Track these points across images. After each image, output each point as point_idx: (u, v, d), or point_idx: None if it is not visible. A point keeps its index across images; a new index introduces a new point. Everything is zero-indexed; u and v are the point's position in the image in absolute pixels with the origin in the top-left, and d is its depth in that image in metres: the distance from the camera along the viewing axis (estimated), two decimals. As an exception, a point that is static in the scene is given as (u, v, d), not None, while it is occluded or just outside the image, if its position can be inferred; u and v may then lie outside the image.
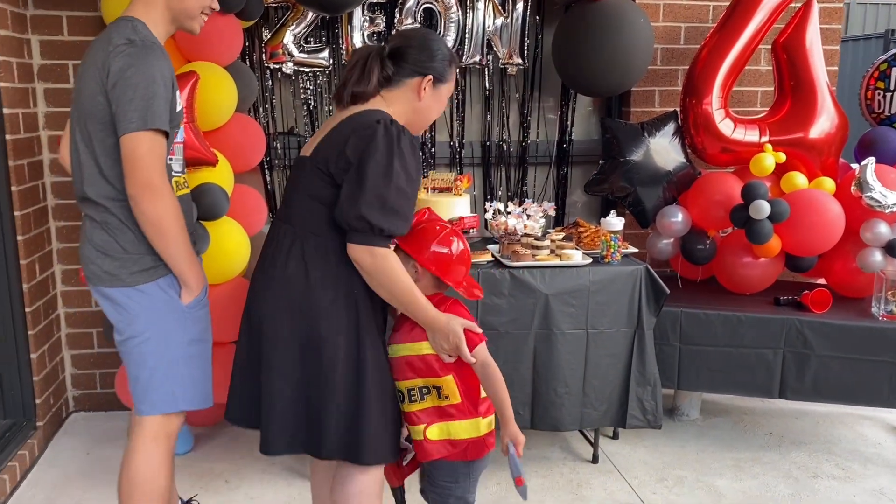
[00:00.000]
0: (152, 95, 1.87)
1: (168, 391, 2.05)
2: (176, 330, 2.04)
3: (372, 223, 1.83)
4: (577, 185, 3.82)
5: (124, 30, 1.94)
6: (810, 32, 3.29)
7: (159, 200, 1.91)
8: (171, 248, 1.96)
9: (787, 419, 3.54)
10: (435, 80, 2.00)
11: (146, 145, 1.88)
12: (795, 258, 3.26)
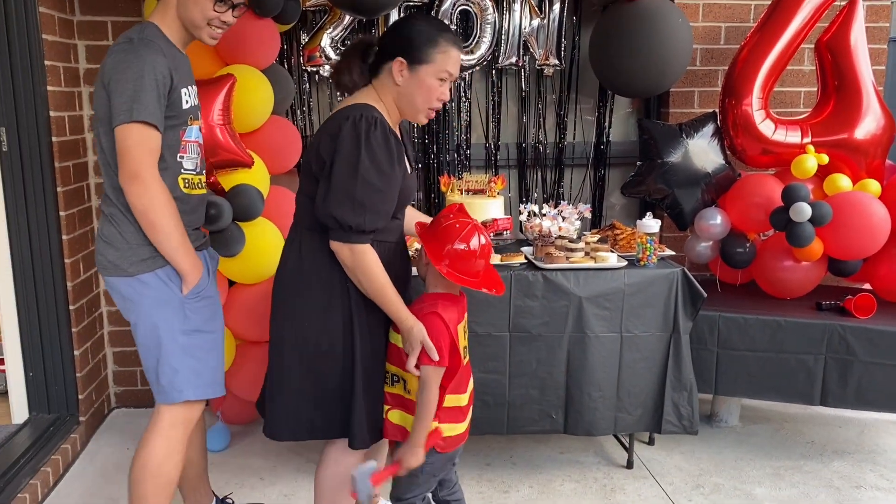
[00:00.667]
0: (140, 89, 1.92)
1: (171, 379, 2.10)
2: (176, 319, 2.08)
3: (341, 221, 1.90)
4: (615, 187, 3.78)
5: (132, 31, 2.03)
6: (855, 31, 3.20)
7: (145, 192, 1.96)
8: (160, 237, 2.01)
9: (829, 427, 3.45)
10: (409, 63, 1.96)
11: (134, 137, 1.94)
12: (838, 262, 3.18)
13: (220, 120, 2.74)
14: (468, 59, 3.46)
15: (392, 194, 1.96)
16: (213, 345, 2.18)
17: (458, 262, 1.99)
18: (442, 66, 1.98)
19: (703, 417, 3.46)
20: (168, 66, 1.99)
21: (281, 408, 2.08)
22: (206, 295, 2.15)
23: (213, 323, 2.19)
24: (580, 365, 2.79)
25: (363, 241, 1.93)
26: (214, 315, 2.20)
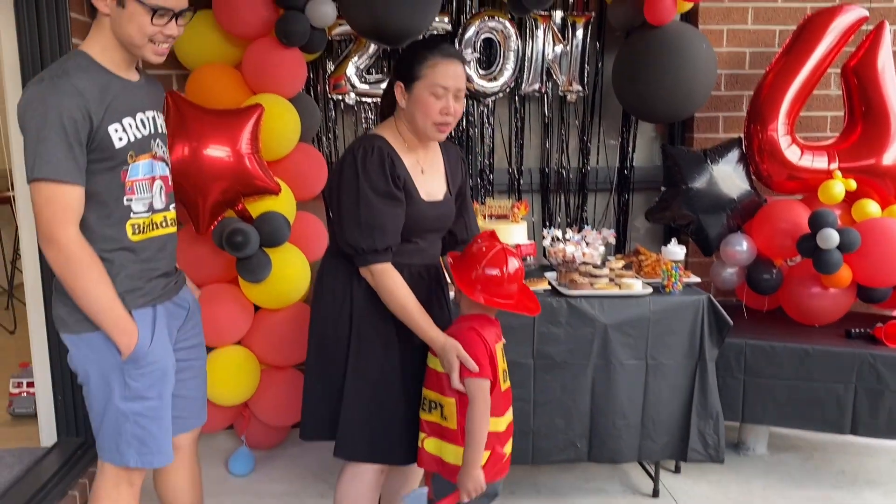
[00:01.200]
0: (41, 140, 1.71)
1: (114, 444, 1.94)
2: (116, 384, 1.90)
3: (355, 246, 2.02)
4: (640, 212, 3.77)
5: (52, 65, 1.83)
6: (882, 56, 3.19)
7: (58, 255, 1.77)
8: (81, 302, 1.82)
9: (860, 457, 3.38)
10: (405, 84, 2.05)
11: (42, 196, 1.74)
12: (868, 289, 3.14)
13: (248, 149, 2.78)
14: (491, 85, 3.49)
15: (397, 213, 2.03)
16: (156, 413, 1.96)
17: (489, 286, 1.99)
18: (432, 79, 2.01)
19: (730, 445, 3.41)
20: (82, 107, 1.75)
21: (308, 408, 2.22)
22: (150, 360, 1.91)
23: (159, 388, 1.95)
24: (605, 393, 2.77)
25: (381, 261, 2.02)
26: (161, 379, 1.96)
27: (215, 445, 3.44)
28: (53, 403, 3.16)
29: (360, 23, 2.99)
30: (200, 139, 2.74)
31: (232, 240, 2.77)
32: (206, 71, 3.03)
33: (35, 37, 2.93)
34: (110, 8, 1.81)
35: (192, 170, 2.73)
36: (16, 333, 5.01)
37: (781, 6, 3.54)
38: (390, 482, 2.35)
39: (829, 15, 3.17)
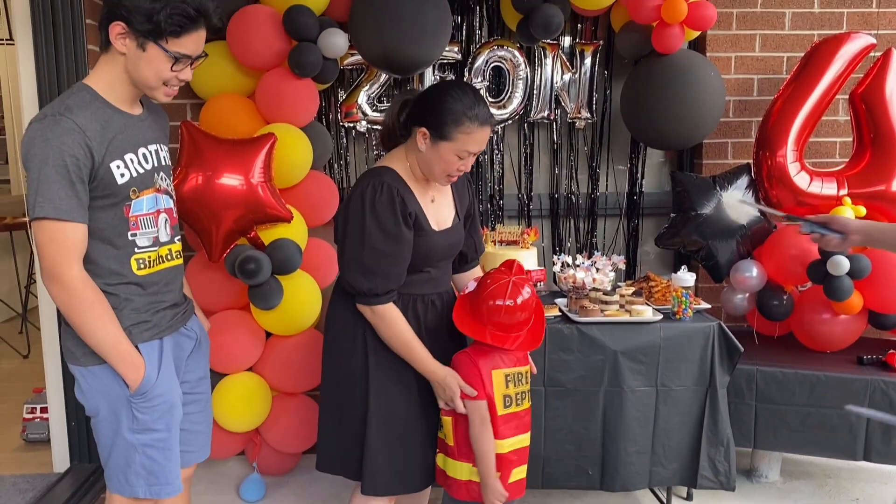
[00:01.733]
0: (43, 179, 1.71)
1: (122, 476, 1.95)
2: (124, 416, 1.90)
3: (356, 288, 2.01)
4: (649, 237, 3.78)
5: (56, 101, 1.81)
6: (890, 82, 3.20)
7: (62, 292, 1.77)
8: (87, 340, 1.83)
9: (874, 484, 3.35)
10: (431, 135, 2.01)
11: (45, 234, 1.74)
12: (879, 315, 3.13)
13: (261, 178, 2.82)
14: (500, 113, 3.52)
15: (402, 256, 2.03)
16: (165, 444, 1.96)
17: (492, 318, 2.05)
18: (462, 145, 2.01)
19: (742, 472, 3.39)
20: (84, 144, 1.74)
21: (323, 441, 2.24)
22: (157, 393, 1.91)
23: (167, 420, 1.96)
24: (616, 420, 2.77)
25: (382, 303, 2.03)
26: (169, 412, 1.96)
27: (226, 472, 3.45)
28: (67, 429, 3.19)
29: (372, 53, 3.04)
30: (214, 168, 2.78)
31: (244, 267, 2.79)
32: (220, 101, 3.08)
33: (53, 68, 3.00)
34: (128, 48, 1.80)
35: (206, 198, 2.77)
36: (29, 358, 5.05)
37: (789, 34, 3.56)
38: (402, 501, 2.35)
39: (836, 42, 3.19)
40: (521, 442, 2.15)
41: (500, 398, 2.08)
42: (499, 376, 2.08)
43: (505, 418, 2.10)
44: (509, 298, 2.03)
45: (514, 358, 2.14)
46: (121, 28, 1.78)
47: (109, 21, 1.79)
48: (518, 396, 2.13)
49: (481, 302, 2.06)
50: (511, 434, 2.11)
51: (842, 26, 3.55)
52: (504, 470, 2.11)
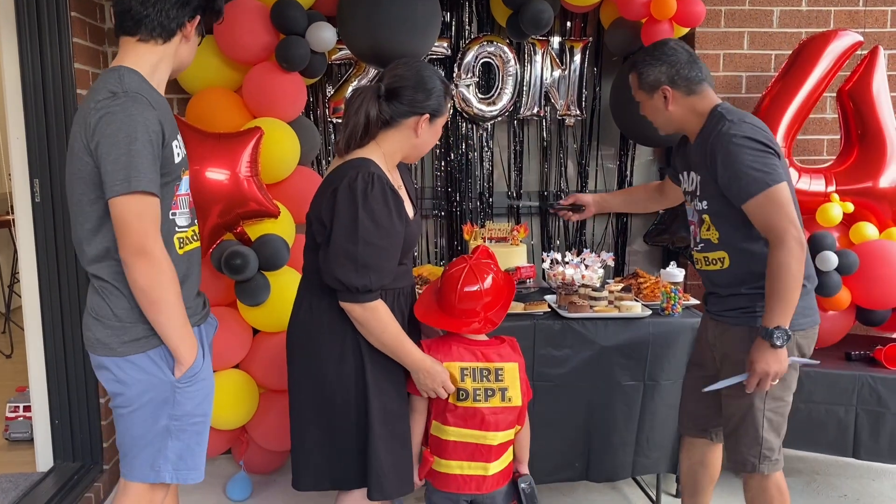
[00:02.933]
0: (135, 154, 1.72)
1: (149, 462, 1.92)
2: (165, 404, 1.89)
3: (346, 284, 1.91)
4: (638, 235, 3.78)
5: (109, 80, 1.80)
6: (877, 80, 3.22)
7: (151, 267, 1.77)
8: (161, 317, 1.82)
9: (863, 480, 3.36)
10: (431, 117, 2.04)
11: (135, 209, 1.74)
12: (867, 311, 3.14)
13: (247, 172, 2.80)
14: (490, 109, 3.52)
15: (395, 249, 1.98)
16: (201, 428, 1.98)
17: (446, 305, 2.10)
18: (446, 114, 2.11)
19: (730, 469, 3.39)
20: (159, 121, 1.80)
21: (302, 458, 2.10)
22: (201, 378, 1.94)
23: (204, 406, 1.98)
24: (603, 414, 2.78)
25: (373, 299, 1.95)
26: (207, 397, 1.98)
27: (213, 470, 3.41)
28: (50, 428, 3.15)
29: (360, 47, 3.03)
30: (200, 162, 2.75)
31: (231, 263, 2.77)
32: (207, 95, 3.05)
33: (37, 61, 2.96)
34: (192, 37, 1.94)
35: (192, 193, 2.71)
36: (12, 357, 5.00)
37: (777, 31, 3.58)
38: None
39: (823, 40, 3.20)
40: (471, 437, 2.10)
41: (458, 390, 2.08)
42: (453, 368, 2.08)
43: (455, 410, 2.09)
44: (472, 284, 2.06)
45: (477, 353, 2.10)
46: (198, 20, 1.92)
47: (192, 14, 1.90)
48: (480, 392, 2.09)
49: (442, 290, 2.10)
50: (458, 425, 2.10)
51: (829, 24, 3.57)
52: (440, 454, 2.12)
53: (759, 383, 2.16)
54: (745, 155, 2.09)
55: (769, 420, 2.25)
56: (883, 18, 3.60)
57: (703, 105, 2.25)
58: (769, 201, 2.07)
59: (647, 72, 2.26)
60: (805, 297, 2.18)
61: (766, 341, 2.10)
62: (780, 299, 2.08)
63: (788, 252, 2.06)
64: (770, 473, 2.29)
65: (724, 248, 2.24)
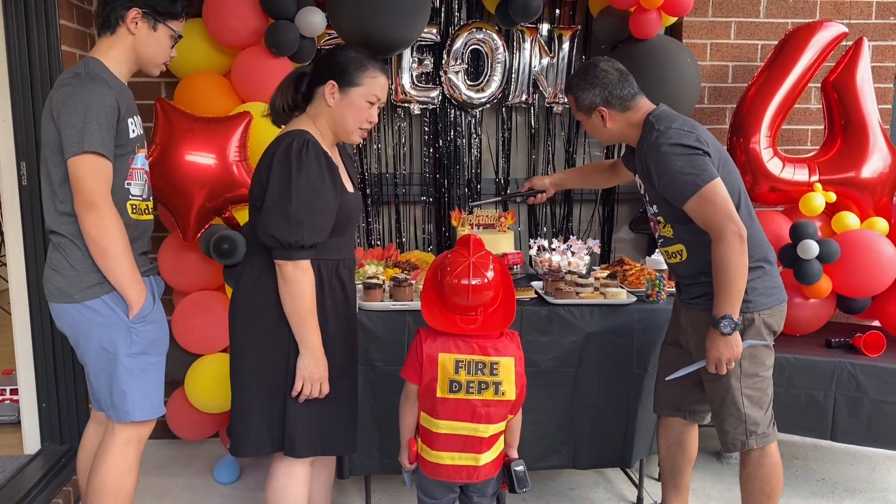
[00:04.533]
0: (89, 120, 2.00)
1: (122, 401, 2.17)
2: (123, 343, 2.14)
3: (280, 240, 2.00)
4: (623, 222, 3.81)
5: (76, 66, 2.12)
6: (861, 71, 3.25)
7: (99, 219, 2.03)
8: (110, 264, 2.08)
9: (840, 465, 3.43)
10: (340, 85, 2.09)
11: (86, 167, 2.01)
12: (847, 299, 3.19)
13: (236, 157, 2.80)
14: (479, 96, 3.53)
15: (327, 209, 2.06)
16: (158, 367, 2.25)
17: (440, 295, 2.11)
18: (370, 89, 2.12)
19: (713, 453, 3.45)
20: (115, 98, 2.07)
21: (242, 426, 2.17)
22: (152, 319, 2.20)
23: (159, 345, 2.25)
24: (589, 400, 2.81)
25: (305, 257, 2.04)
26: (160, 338, 2.26)
27: (201, 454, 3.44)
28: (38, 410, 3.15)
29: (350, 33, 3.02)
30: (189, 146, 2.74)
31: (219, 247, 2.77)
32: (195, 79, 3.04)
33: (24, 43, 2.94)
34: (139, 30, 2.16)
35: (180, 177, 2.74)
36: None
37: (763, 21, 3.60)
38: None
39: (809, 31, 3.23)
40: (462, 429, 2.11)
41: (445, 382, 2.07)
42: (447, 360, 2.08)
43: (445, 401, 2.09)
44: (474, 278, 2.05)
45: (473, 346, 2.10)
46: (136, 13, 2.13)
47: (124, 8, 2.13)
48: (473, 385, 2.08)
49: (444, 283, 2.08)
50: (449, 417, 2.10)
51: (815, 15, 3.60)
52: (430, 444, 2.14)
53: (717, 367, 2.30)
54: (674, 161, 2.24)
55: (748, 397, 2.36)
56: (868, 10, 3.63)
57: (638, 117, 2.40)
58: (703, 201, 2.22)
59: (581, 96, 2.40)
60: (765, 278, 2.35)
61: (716, 330, 2.25)
62: (724, 290, 2.23)
63: (727, 246, 2.19)
64: (764, 447, 2.38)
65: (680, 241, 2.39)
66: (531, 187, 2.98)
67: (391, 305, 2.73)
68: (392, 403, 2.25)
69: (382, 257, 3.26)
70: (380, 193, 3.63)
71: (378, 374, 2.74)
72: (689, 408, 2.58)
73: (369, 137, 3.61)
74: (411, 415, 2.19)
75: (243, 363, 2.16)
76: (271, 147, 2.08)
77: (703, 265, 2.30)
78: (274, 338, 2.10)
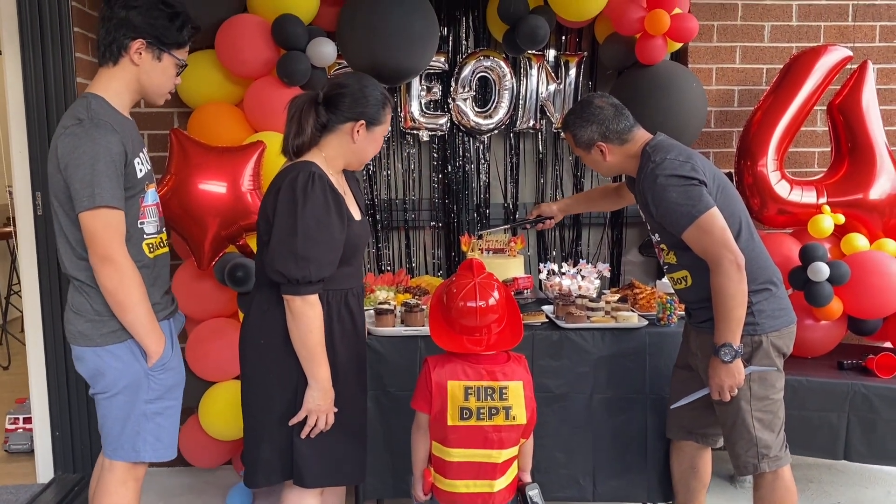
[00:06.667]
0: (97, 173, 1.95)
1: (130, 443, 2.14)
2: (140, 389, 2.12)
3: (287, 276, 2.00)
4: (632, 246, 3.83)
5: (77, 108, 2.03)
6: (867, 94, 3.28)
7: (115, 272, 2.00)
8: (128, 317, 2.05)
9: (856, 487, 3.41)
10: (368, 124, 2.13)
11: (100, 222, 1.97)
12: (859, 321, 3.19)
13: (250, 185, 2.83)
14: (487, 122, 3.57)
15: (335, 243, 2.06)
16: (174, 411, 2.23)
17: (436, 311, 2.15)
18: (387, 126, 2.21)
19: (726, 477, 3.43)
20: (121, 142, 2.01)
21: (253, 455, 2.18)
22: (170, 367, 2.18)
23: (176, 391, 2.24)
24: (606, 427, 2.80)
25: (313, 292, 2.04)
26: (177, 384, 2.24)
27: (214, 481, 3.43)
28: (51, 439, 3.16)
29: (359, 62, 3.08)
30: (203, 176, 2.78)
31: (233, 275, 2.80)
32: (208, 109, 3.09)
33: (40, 76, 3.00)
34: (143, 61, 2.09)
35: (195, 206, 2.77)
36: (10, 369, 4.99)
37: (768, 46, 3.64)
38: None
39: (814, 54, 3.27)
40: (475, 456, 2.11)
41: (456, 409, 2.08)
42: (456, 388, 2.09)
43: (456, 429, 2.09)
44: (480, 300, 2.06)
45: (482, 372, 2.10)
46: (140, 44, 2.06)
47: (127, 38, 2.05)
48: (484, 411, 2.09)
49: (451, 306, 2.10)
50: (461, 445, 2.10)
51: (819, 39, 3.64)
52: (444, 474, 2.14)
53: (720, 394, 2.33)
54: (669, 192, 2.28)
55: (759, 420, 2.36)
56: (872, 33, 3.67)
57: (636, 148, 2.44)
58: (700, 231, 2.25)
59: (579, 133, 2.45)
60: (772, 300, 2.37)
61: (717, 357, 2.27)
62: (723, 318, 2.26)
63: (724, 275, 2.23)
64: (776, 470, 2.38)
65: (684, 268, 2.42)
66: (539, 214, 3.02)
67: (403, 331, 2.74)
68: (404, 427, 2.25)
69: (393, 283, 3.28)
70: (389, 219, 3.66)
71: (390, 398, 2.74)
72: (701, 431, 2.58)
73: (378, 164, 3.64)
74: (423, 445, 2.19)
75: (252, 393, 2.18)
76: (276, 181, 2.08)
77: (708, 290, 2.31)
78: (282, 369, 2.11)
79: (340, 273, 2.12)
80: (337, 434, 2.16)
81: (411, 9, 3.01)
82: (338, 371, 2.14)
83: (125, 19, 2.04)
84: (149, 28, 2.06)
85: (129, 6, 2.04)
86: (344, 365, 2.17)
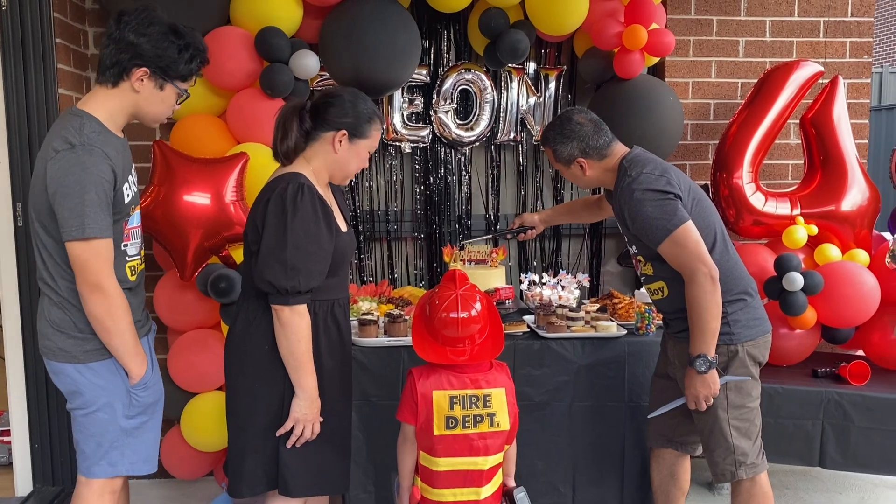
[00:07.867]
0: (87, 204, 1.92)
1: (108, 459, 2.13)
2: (121, 405, 2.11)
3: (276, 286, 2.02)
4: (611, 256, 3.88)
5: (69, 129, 1.97)
6: (837, 108, 3.36)
7: (105, 300, 1.99)
8: (114, 341, 2.05)
9: (830, 494, 3.47)
10: (350, 135, 2.14)
11: (90, 251, 1.96)
12: (832, 330, 3.26)
13: (233, 196, 2.84)
14: (468, 135, 3.61)
15: (323, 254, 2.08)
16: (153, 426, 2.23)
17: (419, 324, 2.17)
18: (374, 142, 2.21)
19: (704, 484, 3.48)
20: (111, 168, 1.98)
21: (237, 465, 2.18)
22: (152, 383, 2.19)
23: (155, 406, 2.24)
24: (586, 435, 2.84)
25: (301, 302, 2.05)
26: (157, 401, 2.24)
27: (196, 492, 3.42)
28: (30, 451, 3.13)
29: (342, 75, 3.10)
30: (186, 187, 2.79)
31: (216, 286, 2.81)
32: (191, 120, 3.10)
33: (21, 87, 2.99)
34: (145, 88, 2.06)
35: (178, 217, 2.78)
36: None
37: (742, 61, 3.73)
38: None
39: (786, 70, 3.35)
40: (462, 464, 2.14)
41: (442, 419, 2.10)
42: (442, 397, 2.11)
43: (443, 439, 2.12)
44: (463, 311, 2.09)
45: (465, 381, 2.13)
46: (143, 72, 2.03)
47: (132, 65, 2.02)
48: (469, 419, 2.12)
49: (433, 317, 2.12)
50: (448, 454, 2.13)
51: (792, 54, 3.73)
52: (431, 483, 2.16)
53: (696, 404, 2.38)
54: (645, 206, 2.33)
55: (736, 427, 2.41)
56: (842, 49, 3.77)
57: (613, 162, 2.49)
58: (674, 244, 2.30)
59: (559, 149, 2.49)
60: (747, 310, 2.42)
61: (692, 368, 2.32)
62: (698, 330, 2.31)
63: (699, 288, 2.28)
64: (754, 477, 2.42)
65: (660, 279, 2.46)
66: (521, 224, 3.06)
67: (386, 341, 2.77)
68: (387, 437, 2.27)
69: (375, 293, 3.30)
70: (372, 230, 3.69)
71: (373, 408, 2.76)
72: (680, 439, 2.62)
73: (361, 175, 3.67)
74: (410, 457, 2.20)
75: (238, 402, 2.18)
76: (265, 192, 2.09)
77: (684, 301, 2.35)
78: (268, 378, 2.12)
79: (327, 284, 2.14)
80: (322, 443, 2.17)
81: (394, 22, 3.05)
82: (324, 381, 2.15)
83: (134, 44, 2.00)
84: (156, 59, 2.03)
85: (140, 33, 2.01)
86: (330, 375, 2.19)
